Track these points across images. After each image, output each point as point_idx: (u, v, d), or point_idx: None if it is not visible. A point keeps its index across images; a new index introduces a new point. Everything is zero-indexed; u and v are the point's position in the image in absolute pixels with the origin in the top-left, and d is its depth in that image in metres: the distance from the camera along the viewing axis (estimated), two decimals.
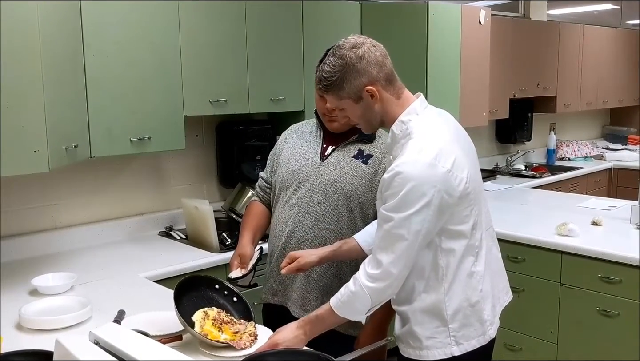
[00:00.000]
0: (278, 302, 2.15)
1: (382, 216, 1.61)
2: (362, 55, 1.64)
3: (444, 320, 1.69)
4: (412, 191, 1.55)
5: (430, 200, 1.56)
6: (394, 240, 1.59)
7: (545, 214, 3.66)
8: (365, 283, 1.63)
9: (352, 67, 1.64)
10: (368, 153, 2.05)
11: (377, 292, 1.63)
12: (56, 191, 2.97)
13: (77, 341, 1.37)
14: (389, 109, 1.69)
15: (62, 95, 2.37)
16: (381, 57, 1.67)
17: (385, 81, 1.67)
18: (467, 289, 1.70)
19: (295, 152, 2.13)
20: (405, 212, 1.56)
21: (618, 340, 2.93)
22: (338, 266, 2.04)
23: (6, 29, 2.06)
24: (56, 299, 2.21)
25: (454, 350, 1.70)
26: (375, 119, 1.71)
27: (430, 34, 3.64)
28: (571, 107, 5.64)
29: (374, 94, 1.66)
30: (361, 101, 1.67)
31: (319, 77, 1.71)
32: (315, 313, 1.75)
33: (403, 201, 1.56)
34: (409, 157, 1.59)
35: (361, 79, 1.64)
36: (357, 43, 1.66)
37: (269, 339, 1.72)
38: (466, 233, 1.68)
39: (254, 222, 2.22)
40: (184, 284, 1.86)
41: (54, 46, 2.27)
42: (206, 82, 3.03)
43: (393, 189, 1.58)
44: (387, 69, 1.68)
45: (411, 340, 1.73)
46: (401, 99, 1.71)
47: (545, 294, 3.18)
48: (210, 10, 3.01)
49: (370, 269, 1.63)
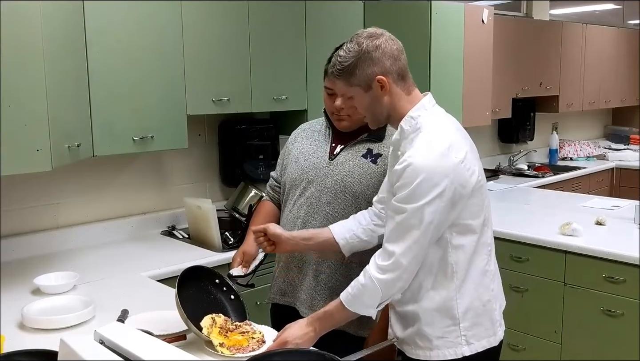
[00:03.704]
0: (286, 303, 2.14)
1: (394, 208, 1.60)
2: (379, 45, 1.64)
3: (455, 318, 1.68)
4: (424, 182, 1.54)
5: (442, 191, 1.55)
6: (405, 231, 1.58)
7: (549, 214, 3.65)
8: (375, 274, 1.61)
9: (367, 54, 1.63)
10: (377, 152, 2.04)
11: (387, 284, 1.61)
12: (59, 189, 2.96)
13: (83, 341, 1.36)
14: (397, 104, 1.68)
15: (65, 94, 2.36)
16: (397, 52, 1.67)
17: (397, 75, 1.66)
18: (479, 287, 1.69)
19: (304, 151, 2.12)
20: (417, 203, 1.55)
21: (622, 340, 2.91)
22: (347, 267, 2.02)
23: (9, 27, 2.05)
24: (59, 299, 2.20)
25: (465, 349, 1.69)
26: (382, 113, 1.70)
27: (433, 33, 3.63)
28: (573, 106, 5.63)
29: (384, 85, 1.64)
30: (370, 90, 1.66)
31: (333, 62, 1.70)
32: (324, 309, 1.73)
33: (415, 192, 1.55)
34: (420, 149, 1.58)
35: (374, 68, 1.63)
36: (375, 33, 1.67)
37: (278, 337, 1.71)
38: (476, 228, 1.67)
39: (263, 221, 2.19)
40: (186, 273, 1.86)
41: (56, 45, 2.26)
42: (209, 81, 3.02)
43: (404, 180, 1.57)
44: (401, 64, 1.67)
45: (420, 340, 1.71)
46: (411, 96, 1.70)
47: (549, 294, 3.17)
48: (213, 9, 3.00)
49: (380, 261, 1.62)
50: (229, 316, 1.88)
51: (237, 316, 1.90)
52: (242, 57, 3.14)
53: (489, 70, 4.17)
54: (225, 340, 1.72)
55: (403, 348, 1.78)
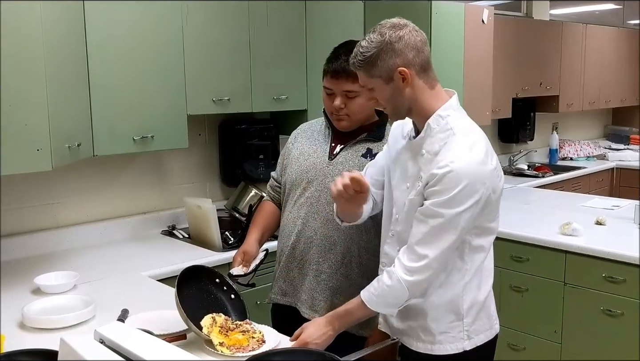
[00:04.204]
0: (287, 302, 2.14)
1: (430, 212, 1.58)
2: (402, 36, 1.60)
3: (460, 314, 1.70)
4: (466, 189, 1.54)
5: (480, 198, 1.57)
6: (440, 236, 1.58)
7: (549, 214, 3.65)
8: (403, 276, 1.61)
9: (390, 45, 1.59)
10: (377, 152, 2.02)
11: (415, 285, 1.62)
12: (59, 189, 2.96)
13: (83, 340, 1.36)
14: (420, 97, 1.64)
15: (65, 93, 2.36)
16: (420, 43, 1.63)
17: (419, 67, 1.62)
18: (481, 283, 1.72)
19: (304, 151, 2.12)
20: (455, 209, 1.55)
21: (622, 340, 2.92)
22: (347, 266, 2.02)
23: (9, 28, 2.05)
24: (59, 298, 2.20)
25: (466, 344, 1.71)
26: (404, 105, 1.65)
27: (433, 33, 3.63)
28: (574, 106, 5.63)
29: (406, 77, 1.60)
30: (392, 82, 1.61)
31: (354, 53, 1.64)
32: (344, 307, 1.73)
33: (455, 198, 1.55)
34: (460, 155, 1.56)
35: (396, 60, 1.59)
36: (399, 24, 1.63)
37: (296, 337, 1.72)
38: (494, 230, 1.71)
39: (263, 221, 2.21)
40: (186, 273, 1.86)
41: (57, 44, 2.26)
42: (209, 81, 3.02)
43: (444, 185, 1.55)
44: (424, 56, 1.63)
45: (423, 334, 1.72)
46: (435, 91, 1.66)
47: (549, 293, 3.17)
48: (214, 9, 3.00)
49: (409, 262, 1.61)
50: (229, 315, 1.88)
51: (238, 316, 1.90)
52: (243, 57, 3.13)
53: (489, 70, 4.17)
54: (225, 339, 1.72)
55: (402, 338, 1.79)
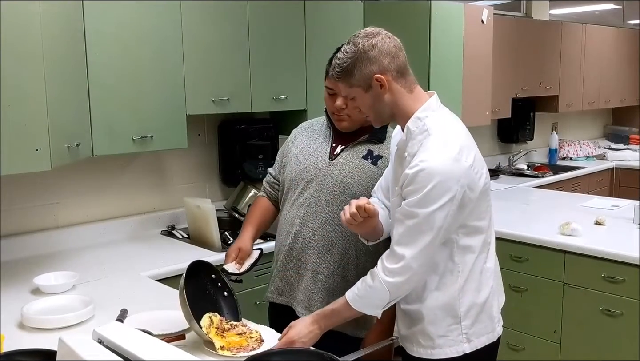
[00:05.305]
0: (283, 302, 2.13)
1: (405, 212, 1.60)
2: (375, 44, 1.64)
3: (457, 317, 1.69)
4: (437, 187, 1.55)
5: (454, 195, 1.56)
6: (416, 235, 1.59)
7: (548, 214, 3.65)
8: (384, 277, 1.62)
9: (364, 54, 1.63)
10: (377, 154, 2.02)
11: (396, 287, 1.63)
12: (58, 189, 2.96)
13: (81, 340, 1.36)
14: (399, 102, 1.67)
15: (64, 93, 2.36)
16: (394, 49, 1.66)
17: (396, 72, 1.65)
18: (479, 285, 1.71)
19: (304, 150, 2.11)
20: (429, 208, 1.56)
21: (621, 340, 2.91)
22: (344, 268, 2.02)
23: (8, 27, 2.05)
24: (58, 298, 2.20)
25: (465, 347, 1.70)
26: (385, 111, 1.69)
27: (433, 33, 3.63)
28: (573, 106, 5.63)
29: (383, 84, 1.64)
30: (370, 89, 1.65)
31: (332, 65, 1.72)
32: (330, 306, 1.75)
33: (428, 196, 1.55)
34: (433, 153, 1.58)
35: (371, 67, 1.63)
36: (371, 33, 1.67)
37: (283, 336, 1.72)
38: (483, 229, 1.69)
39: (258, 218, 2.20)
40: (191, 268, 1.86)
41: (56, 44, 2.26)
42: (208, 81, 3.02)
43: (416, 185, 1.57)
44: (400, 61, 1.66)
45: (422, 339, 1.72)
46: (414, 94, 1.69)
47: (548, 293, 3.17)
48: (213, 9, 2.99)
49: (389, 264, 1.63)
50: (222, 313, 1.88)
51: (230, 314, 1.90)
52: (242, 57, 3.13)
53: (489, 70, 4.16)
54: (223, 340, 1.72)
55: (405, 345, 1.79)
